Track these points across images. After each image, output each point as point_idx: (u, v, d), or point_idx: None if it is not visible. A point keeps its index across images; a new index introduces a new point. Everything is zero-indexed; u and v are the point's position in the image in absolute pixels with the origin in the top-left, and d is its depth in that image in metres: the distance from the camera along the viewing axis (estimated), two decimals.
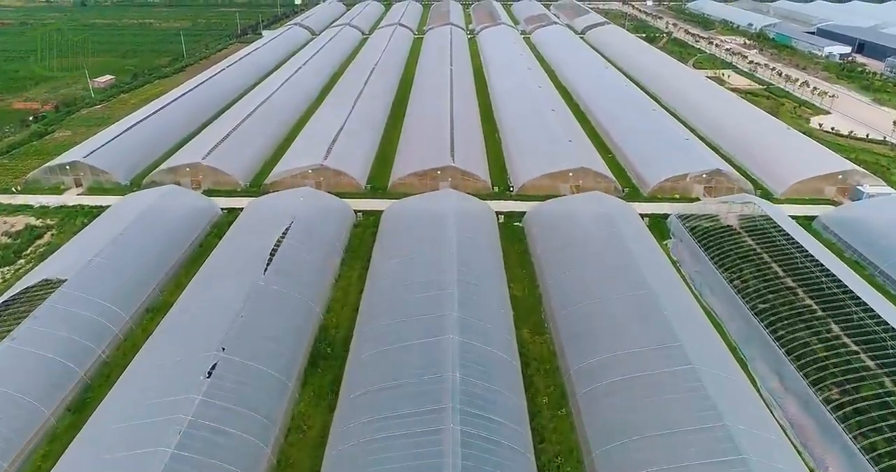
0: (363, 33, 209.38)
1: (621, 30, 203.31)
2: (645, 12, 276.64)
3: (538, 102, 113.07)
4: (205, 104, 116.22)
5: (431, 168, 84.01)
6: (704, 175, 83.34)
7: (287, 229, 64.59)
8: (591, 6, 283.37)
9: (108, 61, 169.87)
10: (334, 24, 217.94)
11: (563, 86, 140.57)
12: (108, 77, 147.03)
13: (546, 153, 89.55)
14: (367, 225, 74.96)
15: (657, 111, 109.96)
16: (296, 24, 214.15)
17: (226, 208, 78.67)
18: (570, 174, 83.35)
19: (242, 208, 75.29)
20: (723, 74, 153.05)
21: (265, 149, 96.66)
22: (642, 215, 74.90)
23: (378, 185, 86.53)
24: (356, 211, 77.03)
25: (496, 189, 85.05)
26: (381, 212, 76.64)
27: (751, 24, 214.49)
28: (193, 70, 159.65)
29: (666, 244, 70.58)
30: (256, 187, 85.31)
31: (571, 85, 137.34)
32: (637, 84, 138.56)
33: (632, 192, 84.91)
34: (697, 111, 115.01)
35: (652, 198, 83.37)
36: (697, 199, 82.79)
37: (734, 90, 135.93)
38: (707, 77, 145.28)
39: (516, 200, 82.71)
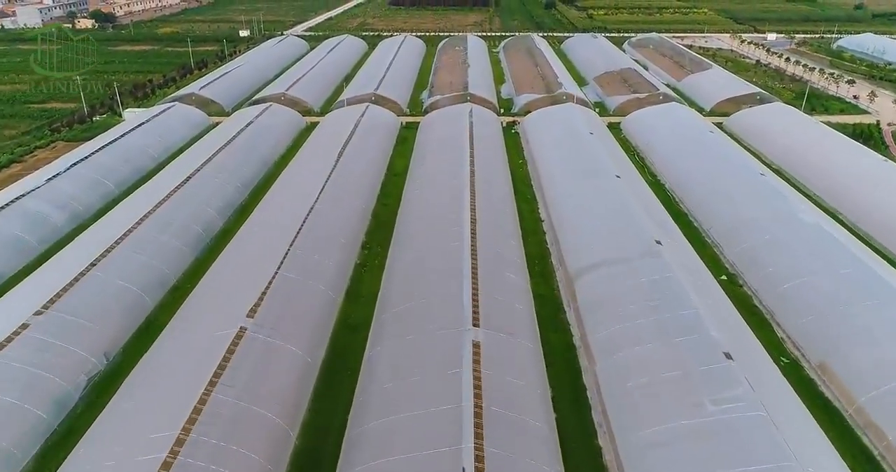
0: (307, 113, 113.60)
1: (796, 113, 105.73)
2: (767, 49, 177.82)
3: None
4: None
5: None
6: None
7: None
8: (682, 41, 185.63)
9: None
10: (262, 94, 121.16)
11: (776, 341, 44.75)
12: None
13: None
14: None
15: None
16: (188, 95, 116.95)
17: None
18: None
19: None
20: None
21: None
22: None
23: None
24: None
25: None
26: None
27: None
28: None
29: None
30: None
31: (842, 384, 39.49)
32: None
33: None
34: None
35: None
36: None
37: None
38: None
39: None
